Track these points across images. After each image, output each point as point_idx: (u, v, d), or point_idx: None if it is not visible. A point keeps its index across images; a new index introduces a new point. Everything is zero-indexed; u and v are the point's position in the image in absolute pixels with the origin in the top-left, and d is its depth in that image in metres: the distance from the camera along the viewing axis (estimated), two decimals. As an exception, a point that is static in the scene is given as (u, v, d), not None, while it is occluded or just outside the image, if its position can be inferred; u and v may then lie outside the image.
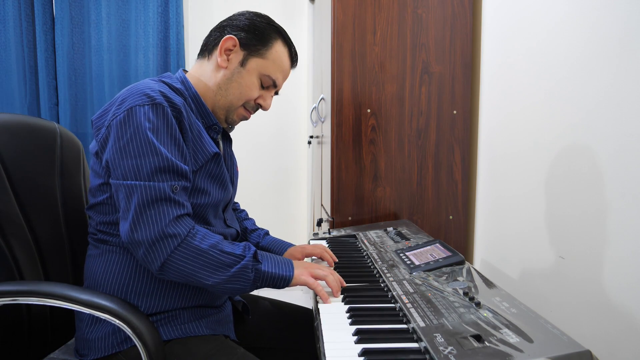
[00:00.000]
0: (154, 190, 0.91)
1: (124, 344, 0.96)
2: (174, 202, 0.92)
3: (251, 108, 1.13)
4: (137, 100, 0.94)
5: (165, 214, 0.91)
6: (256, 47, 1.08)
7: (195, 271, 0.92)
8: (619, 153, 0.99)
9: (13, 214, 1.07)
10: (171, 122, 0.95)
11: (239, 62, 1.08)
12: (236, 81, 1.08)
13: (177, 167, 0.94)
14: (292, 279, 1.00)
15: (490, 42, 1.62)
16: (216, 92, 1.09)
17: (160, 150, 0.92)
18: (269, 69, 1.09)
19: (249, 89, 1.09)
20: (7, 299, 0.93)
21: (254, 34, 1.08)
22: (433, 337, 0.76)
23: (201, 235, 0.94)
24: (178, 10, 2.78)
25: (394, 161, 1.71)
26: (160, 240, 0.90)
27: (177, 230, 0.91)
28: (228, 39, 1.06)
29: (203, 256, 0.92)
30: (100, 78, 2.77)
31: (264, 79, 1.10)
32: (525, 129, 1.37)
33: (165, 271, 0.91)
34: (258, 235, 1.34)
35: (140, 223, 0.90)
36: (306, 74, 3.01)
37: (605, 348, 1.01)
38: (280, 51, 1.10)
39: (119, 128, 0.93)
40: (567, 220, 1.17)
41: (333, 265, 1.22)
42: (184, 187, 0.96)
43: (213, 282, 0.93)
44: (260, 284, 0.98)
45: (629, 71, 0.96)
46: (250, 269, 0.96)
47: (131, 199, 0.91)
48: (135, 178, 0.91)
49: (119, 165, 0.93)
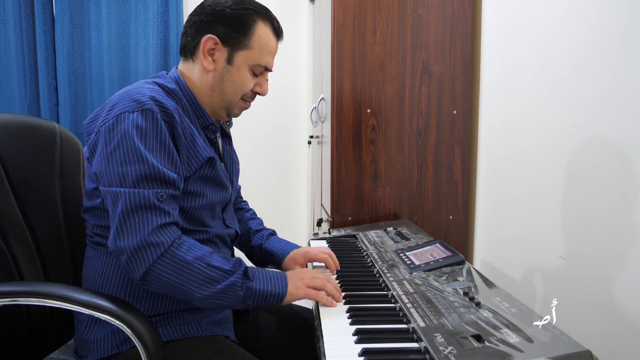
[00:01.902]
0: (138, 197, 0.89)
1: (123, 345, 0.95)
2: (159, 210, 0.90)
3: (249, 98, 1.10)
4: (126, 107, 0.93)
5: (149, 221, 0.88)
6: (238, 39, 1.03)
7: (179, 283, 0.88)
8: (619, 153, 0.99)
9: (13, 214, 1.07)
10: (161, 128, 0.93)
11: (225, 60, 1.04)
12: (228, 80, 1.05)
13: (164, 175, 0.92)
14: (285, 296, 0.97)
15: (490, 42, 1.62)
16: (211, 94, 1.06)
17: (146, 158, 0.91)
18: (257, 57, 1.05)
19: (243, 84, 1.06)
20: (7, 299, 0.92)
21: (232, 26, 1.02)
22: (433, 337, 0.76)
23: (187, 246, 0.91)
24: (178, 10, 2.78)
25: (394, 161, 1.71)
26: (142, 248, 0.87)
27: (160, 239, 0.88)
28: (207, 40, 1.02)
29: (187, 268, 0.89)
30: (100, 78, 2.77)
31: (254, 68, 1.06)
32: (525, 128, 1.37)
33: (147, 281, 0.89)
34: (261, 236, 1.31)
35: (123, 230, 0.88)
36: (306, 74, 3.01)
37: (606, 348, 1.01)
38: (264, 33, 1.05)
39: (107, 134, 0.93)
40: (567, 220, 1.17)
41: (334, 274, 1.19)
42: (172, 195, 0.93)
43: (199, 296, 0.90)
44: (252, 302, 0.94)
45: (629, 71, 0.96)
46: (239, 286, 0.92)
47: (116, 206, 0.90)
48: (120, 185, 0.90)
49: (105, 172, 0.92)
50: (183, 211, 1.00)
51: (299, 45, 2.98)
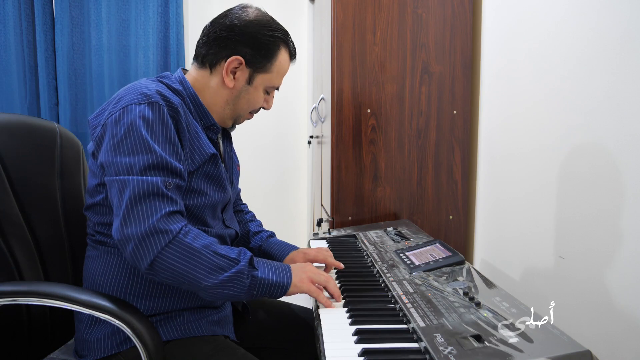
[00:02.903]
0: (146, 185, 0.89)
1: (123, 344, 0.95)
2: (167, 198, 0.91)
3: (256, 111, 1.16)
4: (133, 99, 0.94)
5: (157, 208, 0.89)
6: (262, 63, 1.07)
7: (187, 271, 0.88)
8: (619, 153, 0.99)
9: (13, 214, 1.07)
10: (167, 121, 0.95)
11: (246, 80, 1.08)
12: (244, 98, 1.10)
13: (170, 164, 0.93)
14: (289, 287, 0.97)
15: (490, 42, 1.62)
16: (224, 107, 1.10)
17: (153, 148, 0.92)
18: (274, 80, 1.11)
19: (256, 102, 1.12)
20: (7, 299, 0.92)
21: (259, 52, 1.06)
22: (433, 337, 0.76)
23: (194, 234, 0.91)
24: (178, 10, 2.78)
25: (394, 161, 1.71)
26: (150, 235, 0.87)
27: (168, 227, 0.88)
28: (234, 60, 1.05)
29: (196, 256, 0.89)
30: (100, 78, 2.77)
31: (268, 89, 1.13)
32: (525, 128, 1.37)
33: (155, 269, 0.88)
34: (260, 238, 1.31)
35: (130, 217, 0.88)
36: (306, 74, 3.01)
37: (606, 348, 1.01)
38: (284, 59, 1.11)
39: (114, 126, 0.93)
40: (567, 220, 1.17)
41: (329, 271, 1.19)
42: (178, 185, 0.94)
43: (206, 285, 0.89)
44: (257, 292, 0.93)
45: (629, 72, 0.96)
46: (246, 274, 0.92)
47: (123, 194, 0.90)
48: (128, 174, 0.91)
49: (112, 162, 0.92)
50: (185, 209, 1.00)
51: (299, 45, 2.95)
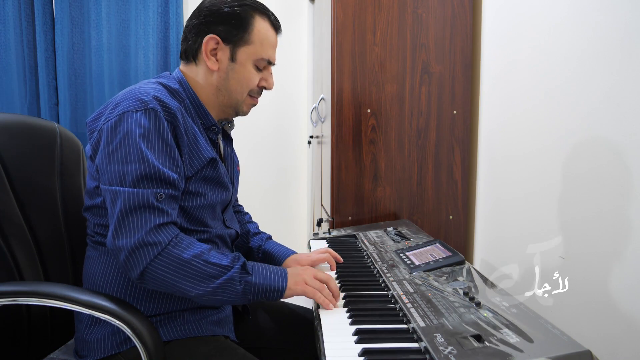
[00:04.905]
0: (137, 197, 0.90)
1: (123, 344, 0.95)
2: (157, 210, 0.91)
3: (256, 93, 1.12)
4: (130, 106, 0.94)
5: (147, 221, 0.89)
6: (238, 36, 1.04)
7: (176, 281, 0.89)
8: (619, 153, 0.99)
9: (13, 214, 1.07)
10: (164, 128, 0.94)
11: (229, 58, 1.05)
12: (233, 78, 1.07)
13: (164, 175, 0.92)
14: (285, 290, 0.97)
15: (490, 42, 1.62)
16: (217, 94, 1.08)
17: (147, 157, 0.91)
18: (259, 51, 1.06)
19: (248, 79, 1.08)
20: (7, 299, 0.92)
21: (231, 24, 1.04)
22: (433, 337, 0.76)
23: (185, 244, 0.91)
24: (178, 11, 2.78)
25: (394, 161, 1.71)
26: (140, 247, 0.88)
27: (157, 239, 0.89)
28: (209, 40, 1.03)
29: (185, 266, 0.89)
30: (100, 78, 2.77)
31: (258, 63, 1.08)
32: (526, 128, 1.37)
33: (145, 279, 0.89)
34: (260, 238, 1.31)
35: (122, 229, 0.89)
36: (306, 74, 3.01)
37: (606, 348, 1.01)
38: (263, 28, 1.06)
39: (110, 133, 0.93)
40: (567, 220, 1.17)
41: (335, 269, 1.20)
42: (171, 196, 0.94)
43: (196, 293, 0.90)
44: (252, 296, 0.94)
45: (629, 72, 0.96)
46: (237, 280, 0.92)
47: (115, 205, 0.90)
48: (120, 184, 0.91)
49: (106, 170, 0.93)
50: (184, 211, 1.00)
51: (299, 45, 2.97)
